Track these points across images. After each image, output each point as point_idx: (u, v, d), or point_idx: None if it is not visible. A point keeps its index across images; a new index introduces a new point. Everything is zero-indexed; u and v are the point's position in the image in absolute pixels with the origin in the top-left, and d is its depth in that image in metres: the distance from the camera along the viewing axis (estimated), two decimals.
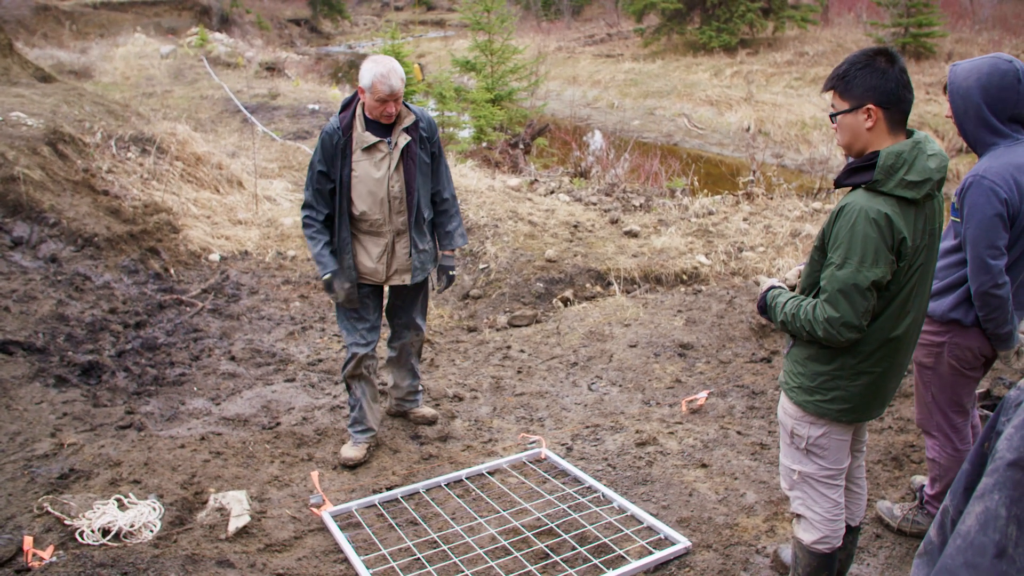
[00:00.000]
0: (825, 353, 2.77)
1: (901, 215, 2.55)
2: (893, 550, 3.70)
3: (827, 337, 2.65)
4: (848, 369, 2.75)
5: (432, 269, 4.70)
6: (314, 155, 4.34)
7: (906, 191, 2.54)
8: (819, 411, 2.82)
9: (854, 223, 2.55)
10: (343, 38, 43.19)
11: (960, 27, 23.34)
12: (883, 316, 2.68)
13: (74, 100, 9.85)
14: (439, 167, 4.59)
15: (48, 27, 27.47)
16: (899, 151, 2.56)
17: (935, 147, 2.61)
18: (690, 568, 3.61)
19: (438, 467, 4.58)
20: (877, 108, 2.60)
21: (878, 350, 2.73)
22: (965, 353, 3.38)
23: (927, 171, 2.55)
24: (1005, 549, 1.75)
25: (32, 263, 6.72)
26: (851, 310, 2.59)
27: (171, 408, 5.33)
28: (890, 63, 2.59)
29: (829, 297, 2.62)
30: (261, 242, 8.77)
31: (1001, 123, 3.20)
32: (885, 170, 2.55)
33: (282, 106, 17.40)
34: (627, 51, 28.17)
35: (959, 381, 3.46)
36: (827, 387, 2.79)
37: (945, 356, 3.42)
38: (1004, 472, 1.77)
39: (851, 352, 2.73)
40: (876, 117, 2.61)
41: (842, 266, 2.58)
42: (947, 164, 2.61)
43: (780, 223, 9.05)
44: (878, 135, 2.63)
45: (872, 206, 2.54)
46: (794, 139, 16.51)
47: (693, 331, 6.38)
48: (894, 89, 2.59)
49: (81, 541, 3.62)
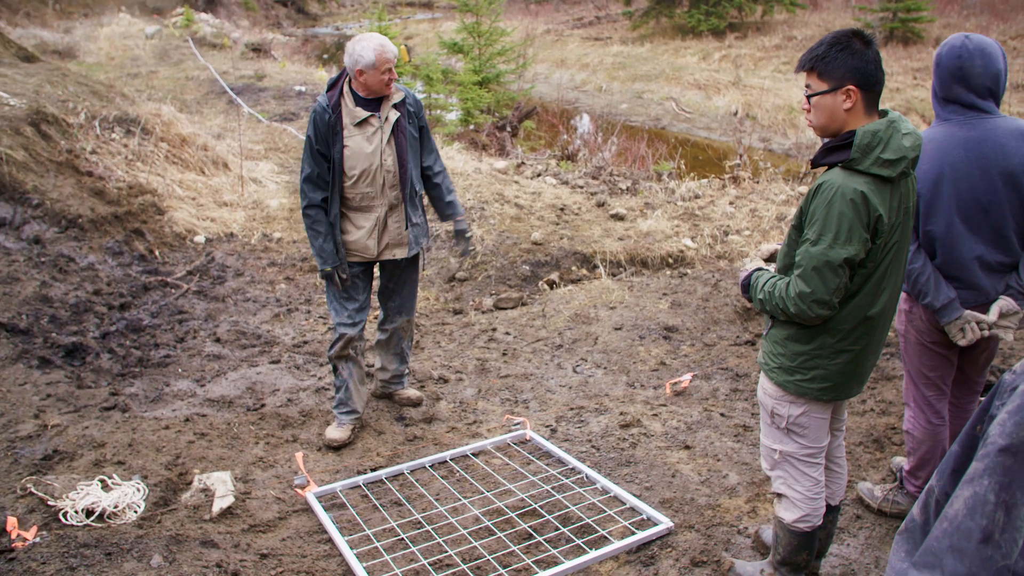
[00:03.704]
0: (805, 333, 2.80)
1: (877, 193, 2.58)
2: (873, 530, 3.74)
3: (798, 313, 2.69)
4: (828, 348, 2.78)
5: (425, 243, 4.75)
6: (307, 136, 4.35)
7: (882, 169, 2.57)
8: (800, 391, 2.84)
9: (831, 201, 2.59)
10: (330, 19, 42.84)
11: (948, 12, 23.34)
12: (860, 294, 2.71)
13: (58, 80, 9.75)
14: (428, 142, 4.67)
15: (31, 6, 27.13)
16: (875, 130, 2.58)
17: (909, 126, 2.64)
18: (672, 548, 3.63)
19: (423, 448, 4.60)
20: (856, 89, 2.62)
21: (856, 328, 2.76)
22: (920, 323, 3.49)
23: (902, 149, 2.58)
24: (991, 534, 1.76)
25: (15, 244, 6.67)
26: (823, 286, 2.62)
27: (155, 390, 5.32)
28: (866, 45, 2.62)
29: (802, 273, 2.66)
30: (247, 224, 8.73)
31: (938, 101, 3.31)
32: (861, 149, 2.58)
33: (268, 87, 17.28)
34: (615, 34, 28.06)
35: (925, 353, 3.55)
36: (807, 366, 2.82)
37: (908, 324, 3.55)
38: (995, 457, 1.78)
39: (830, 331, 2.76)
40: (855, 98, 2.63)
41: (816, 242, 2.61)
42: (921, 143, 2.65)
43: (766, 207, 9.07)
44: (855, 115, 2.66)
45: (849, 184, 2.57)
46: (781, 123, 16.52)
47: (678, 314, 6.40)
48: (872, 71, 2.62)
49: (65, 522, 3.62)
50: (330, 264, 4.42)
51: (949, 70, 3.22)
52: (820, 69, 2.67)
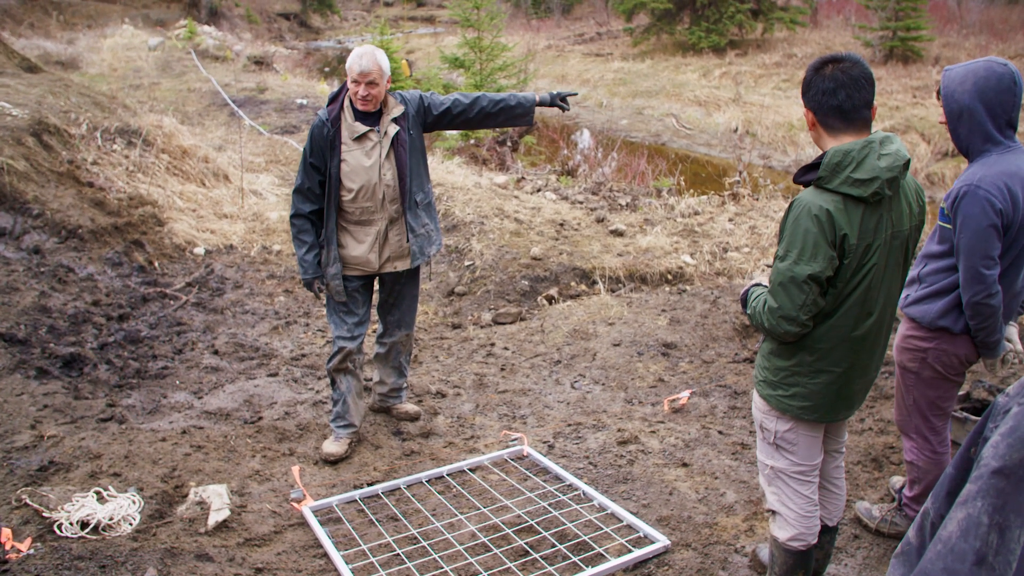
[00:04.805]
0: (786, 349, 2.83)
1: (845, 212, 2.60)
2: (871, 551, 3.73)
3: (770, 328, 2.74)
4: (806, 366, 2.80)
5: (432, 252, 4.68)
6: (304, 148, 4.36)
7: (852, 188, 2.59)
8: (781, 407, 2.87)
9: (797, 218, 2.64)
10: (332, 33, 43.00)
11: (948, 31, 23.47)
12: (837, 314, 2.72)
13: (60, 91, 9.78)
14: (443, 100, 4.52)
15: (35, 17, 27.24)
16: (847, 150, 2.61)
17: (891, 148, 2.63)
18: (669, 567, 3.62)
19: (420, 463, 4.59)
20: (810, 112, 2.72)
21: (836, 349, 2.76)
22: (951, 359, 3.38)
23: (876, 170, 2.58)
24: (985, 557, 1.75)
25: (15, 254, 6.68)
26: (789, 302, 2.65)
27: (153, 401, 5.31)
28: (832, 66, 2.65)
29: (772, 288, 2.72)
30: (246, 236, 8.74)
31: (995, 129, 3.17)
32: (830, 168, 2.61)
33: (270, 100, 17.33)
34: (616, 50, 28.19)
35: (942, 386, 3.46)
36: (788, 383, 2.85)
37: (930, 361, 3.41)
38: (988, 479, 1.77)
39: (807, 348, 2.78)
40: (811, 120, 2.73)
41: (783, 258, 2.67)
42: (901, 164, 2.61)
43: (765, 224, 9.08)
44: (821, 138, 2.74)
45: (815, 202, 2.61)
46: (781, 140, 16.57)
47: (677, 331, 6.40)
48: (818, 96, 2.67)
49: (59, 534, 3.61)
50: (310, 275, 4.45)
51: (1011, 92, 3.14)
52: (802, 91, 2.76)
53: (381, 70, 4.23)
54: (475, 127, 4.76)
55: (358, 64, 4.20)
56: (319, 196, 4.39)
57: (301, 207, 4.40)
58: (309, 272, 4.45)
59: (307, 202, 4.39)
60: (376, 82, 4.24)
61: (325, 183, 4.36)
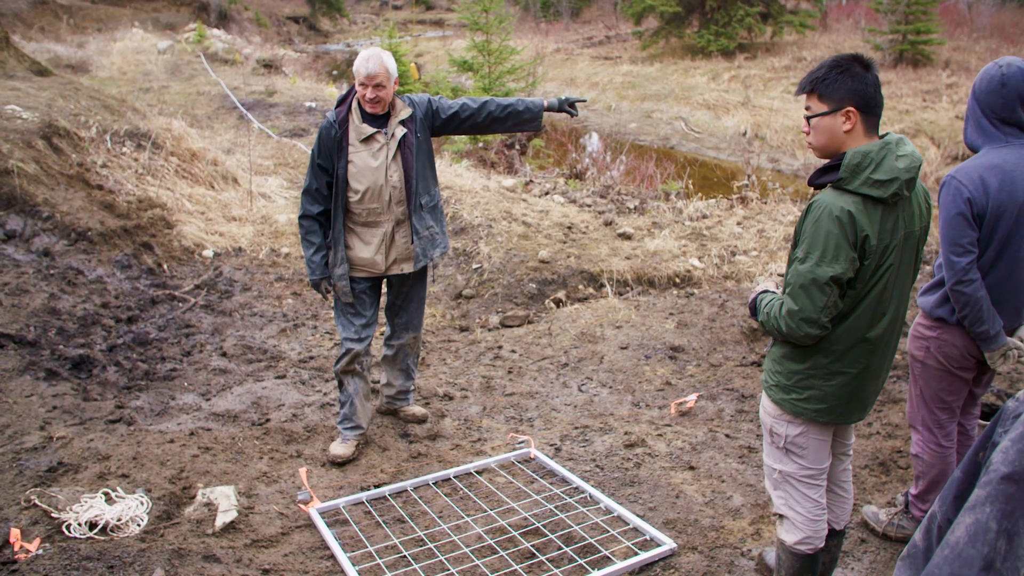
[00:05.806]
0: (799, 352, 2.82)
1: (866, 213, 2.60)
2: (878, 555, 3.72)
3: (789, 332, 2.72)
4: (821, 368, 2.79)
5: (436, 255, 4.68)
6: (312, 150, 4.39)
7: (872, 190, 2.59)
8: (795, 410, 2.85)
9: (818, 220, 2.62)
10: (341, 36, 43.15)
11: (958, 35, 23.41)
12: (854, 315, 2.72)
13: (70, 94, 9.83)
14: (451, 104, 4.55)
15: (45, 21, 27.39)
16: (866, 151, 2.61)
17: (907, 149, 2.66)
18: (675, 570, 3.62)
19: (426, 465, 4.59)
20: (856, 111, 2.65)
21: (851, 350, 2.76)
22: (952, 350, 3.45)
23: (895, 171, 2.59)
24: (993, 563, 1.74)
25: (25, 256, 6.71)
26: (810, 304, 2.64)
27: (161, 403, 5.33)
28: (866, 68, 2.66)
29: (791, 291, 2.70)
30: (255, 239, 8.76)
31: (991, 125, 3.30)
32: (851, 169, 2.61)
33: (279, 103, 17.39)
34: (625, 54, 28.19)
35: (946, 378, 3.52)
36: (802, 386, 2.83)
37: (933, 351, 3.50)
38: (997, 485, 1.76)
39: (823, 351, 2.77)
40: (855, 119, 2.66)
41: (804, 260, 2.65)
42: (918, 165, 2.65)
43: (774, 228, 9.07)
44: (854, 137, 2.69)
45: (836, 203, 2.60)
46: (790, 144, 16.54)
47: (684, 334, 6.40)
48: (872, 94, 2.65)
49: (68, 534, 3.62)
50: (317, 275, 4.48)
51: (1018, 91, 3.24)
52: (820, 91, 2.70)
53: (388, 72, 4.25)
54: (483, 132, 4.77)
55: (365, 67, 4.22)
56: (327, 197, 4.41)
57: (309, 208, 4.43)
58: (316, 273, 4.48)
59: (315, 203, 4.42)
60: (383, 84, 4.25)
61: (333, 184, 4.38)
